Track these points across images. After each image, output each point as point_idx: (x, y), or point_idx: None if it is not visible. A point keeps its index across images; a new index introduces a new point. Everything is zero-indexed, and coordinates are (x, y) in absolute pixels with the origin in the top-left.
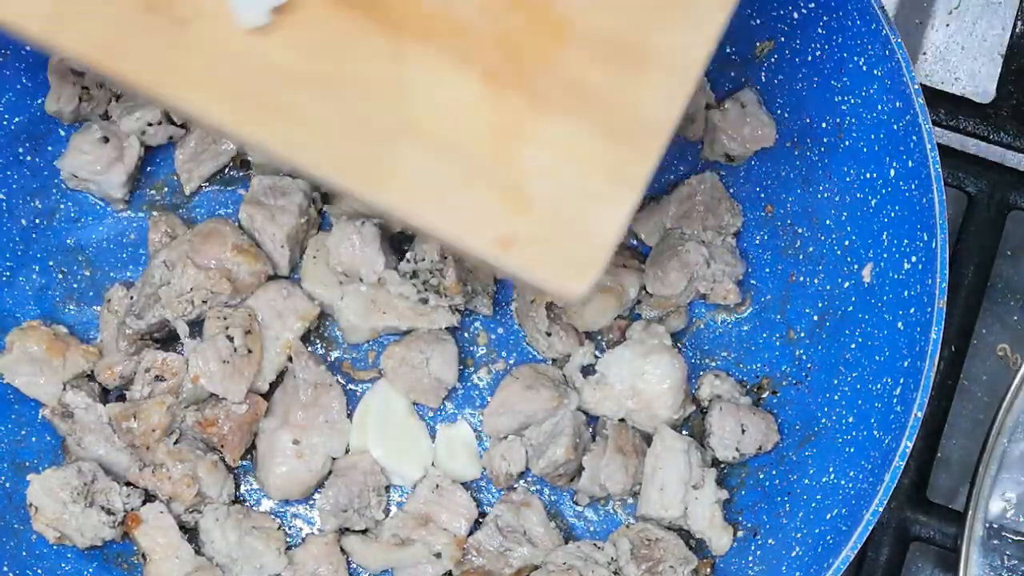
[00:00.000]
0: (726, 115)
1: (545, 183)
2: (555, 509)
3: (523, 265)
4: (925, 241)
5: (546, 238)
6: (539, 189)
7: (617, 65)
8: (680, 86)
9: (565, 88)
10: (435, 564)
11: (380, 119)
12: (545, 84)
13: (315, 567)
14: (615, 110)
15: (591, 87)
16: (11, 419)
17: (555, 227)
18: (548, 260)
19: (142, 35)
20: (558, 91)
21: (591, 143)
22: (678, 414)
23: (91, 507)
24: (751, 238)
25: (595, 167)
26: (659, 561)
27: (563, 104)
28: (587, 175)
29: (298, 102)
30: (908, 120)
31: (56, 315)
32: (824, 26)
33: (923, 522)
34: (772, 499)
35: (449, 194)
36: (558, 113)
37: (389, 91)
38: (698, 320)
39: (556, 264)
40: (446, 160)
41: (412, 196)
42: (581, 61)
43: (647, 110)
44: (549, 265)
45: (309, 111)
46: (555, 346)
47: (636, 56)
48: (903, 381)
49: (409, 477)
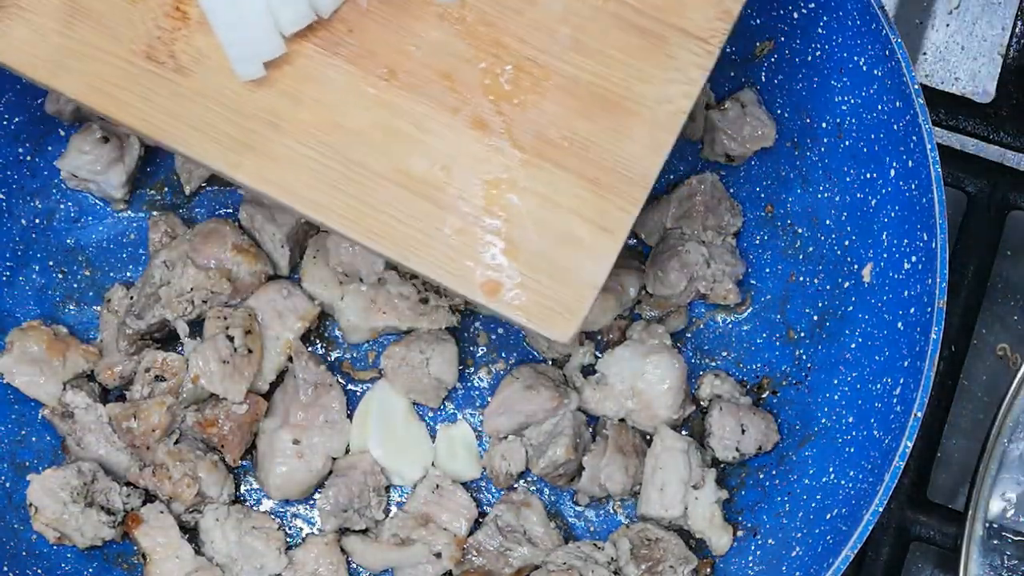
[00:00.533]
0: (726, 115)
1: (531, 231)
2: (555, 509)
3: (510, 309)
4: (925, 241)
5: (532, 284)
6: (525, 236)
7: (601, 116)
8: (662, 138)
9: (550, 137)
10: (435, 564)
11: (371, 165)
12: (531, 133)
13: (315, 567)
14: (599, 160)
15: (576, 137)
16: (11, 419)
17: (540, 273)
18: (534, 305)
19: (143, 82)
20: (543, 140)
21: (576, 192)
22: (678, 414)
23: (91, 507)
24: (751, 238)
25: (580, 216)
26: (659, 561)
27: (549, 153)
28: (572, 224)
29: (292, 148)
30: (908, 120)
31: (56, 315)
32: (824, 26)
33: (923, 522)
34: (772, 499)
35: (437, 240)
36: (544, 162)
37: (379, 138)
38: (698, 320)
39: (542, 309)
40: (434, 206)
41: (401, 241)
42: (566, 111)
43: (630, 161)
44: (535, 310)
45: (303, 157)
46: (555, 346)
47: (619, 108)
48: (903, 381)
49: (409, 477)
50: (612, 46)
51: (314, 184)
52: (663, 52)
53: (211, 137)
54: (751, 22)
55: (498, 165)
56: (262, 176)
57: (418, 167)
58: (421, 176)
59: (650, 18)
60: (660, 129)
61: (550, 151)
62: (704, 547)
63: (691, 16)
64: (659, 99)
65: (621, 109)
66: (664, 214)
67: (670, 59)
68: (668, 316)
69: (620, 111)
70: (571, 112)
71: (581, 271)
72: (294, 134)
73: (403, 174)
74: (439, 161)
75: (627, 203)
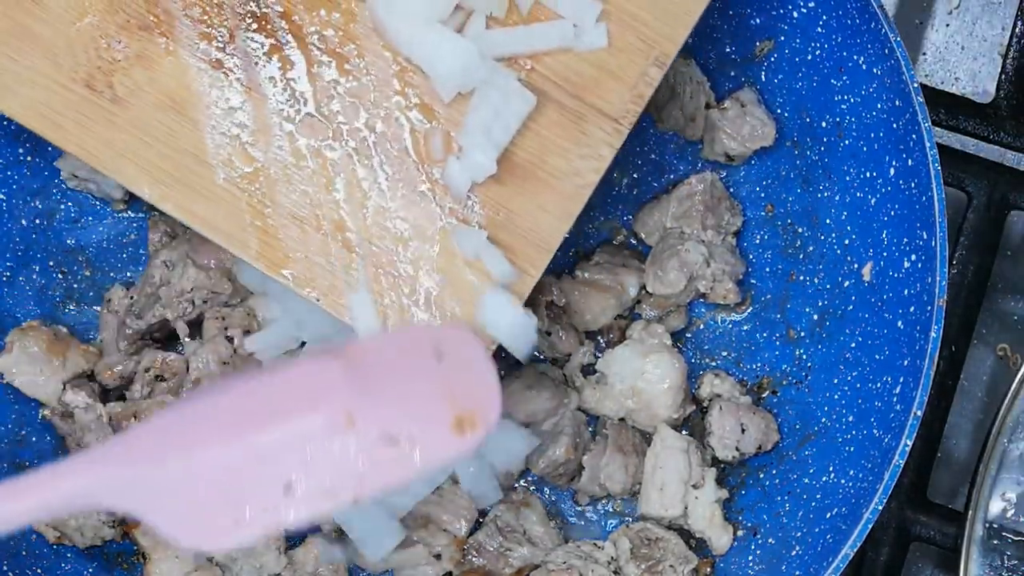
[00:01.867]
0: (726, 115)
1: (442, 284)
2: (555, 509)
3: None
4: (925, 240)
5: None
6: (435, 289)
7: (514, 183)
8: (570, 209)
9: (469, 201)
10: (435, 565)
11: (292, 208)
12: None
13: (315, 567)
14: (509, 225)
15: (489, 199)
16: (11, 419)
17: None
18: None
19: (80, 109)
20: (463, 203)
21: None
22: (678, 414)
23: None
24: (751, 238)
25: (486, 276)
26: (659, 561)
27: (468, 215)
28: (478, 281)
29: (217, 184)
30: (908, 120)
31: (56, 315)
32: (824, 26)
33: (923, 522)
34: (772, 499)
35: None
36: (461, 223)
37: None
38: (698, 320)
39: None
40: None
41: (311, 279)
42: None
43: (539, 228)
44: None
45: (226, 193)
46: (555, 346)
47: (533, 177)
48: (903, 380)
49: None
50: (533, 119)
51: (233, 219)
52: (578, 129)
53: (142, 167)
54: (751, 22)
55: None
56: (187, 209)
57: (336, 214)
58: (339, 221)
59: (570, 96)
60: (569, 200)
61: (469, 214)
62: (704, 547)
63: (608, 98)
64: (570, 172)
65: (534, 179)
66: (664, 214)
67: (584, 136)
68: (668, 316)
69: (533, 180)
70: (490, 177)
71: (480, 331)
72: (220, 170)
73: (323, 219)
74: (359, 205)
75: (532, 268)
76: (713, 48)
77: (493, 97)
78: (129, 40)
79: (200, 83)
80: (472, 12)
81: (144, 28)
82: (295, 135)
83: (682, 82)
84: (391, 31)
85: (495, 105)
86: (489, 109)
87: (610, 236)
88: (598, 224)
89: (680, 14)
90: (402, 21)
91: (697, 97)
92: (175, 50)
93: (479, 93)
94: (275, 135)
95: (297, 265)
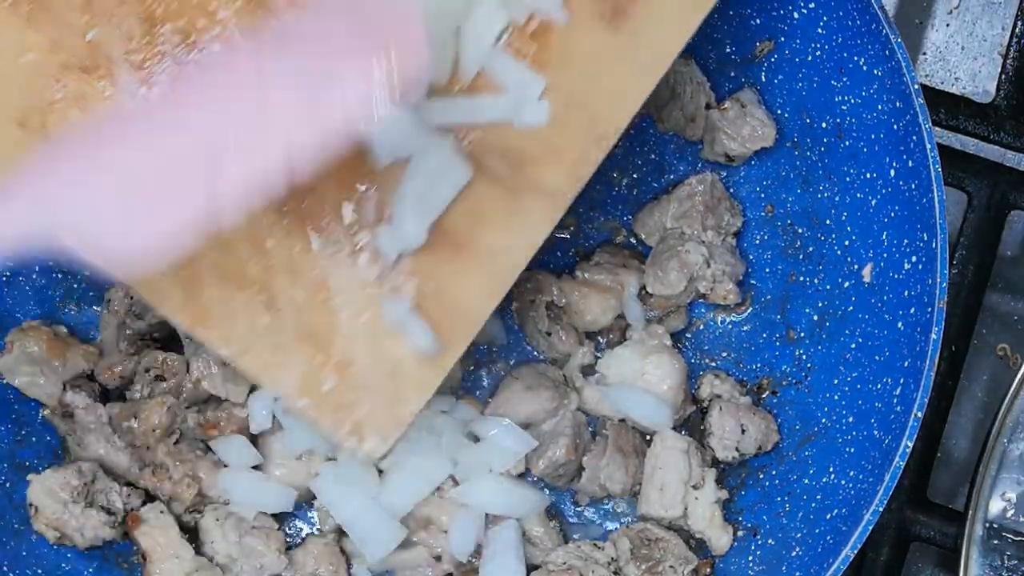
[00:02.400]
0: (726, 115)
1: (363, 352)
2: (555, 509)
3: (333, 420)
4: (925, 241)
5: (352, 400)
6: (356, 355)
7: (445, 255)
8: (497, 286)
9: (399, 268)
10: (435, 567)
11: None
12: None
13: (315, 567)
14: (436, 297)
15: (417, 270)
16: (11, 419)
17: (362, 393)
18: (349, 421)
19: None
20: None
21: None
22: (678, 414)
23: (91, 507)
24: (751, 238)
25: (408, 345)
26: (659, 561)
27: (396, 283)
28: (402, 353)
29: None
30: (908, 120)
31: (56, 315)
32: (824, 26)
33: (923, 522)
34: (772, 499)
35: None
36: (388, 292)
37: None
38: (698, 320)
39: (355, 425)
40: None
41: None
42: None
43: (463, 303)
44: (349, 425)
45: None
46: (555, 346)
47: (463, 250)
48: (903, 381)
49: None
50: (469, 191)
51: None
52: (513, 204)
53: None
54: (751, 22)
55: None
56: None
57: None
58: (265, 281)
59: (509, 170)
60: (498, 276)
61: (396, 282)
62: (704, 547)
63: (545, 176)
64: (501, 248)
65: (466, 252)
66: (664, 214)
67: (518, 212)
68: (668, 316)
69: (465, 253)
70: (420, 248)
71: (403, 397)
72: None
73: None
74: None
75: (456, 341)
76: (713, 48)
77: (428, 167)
78: (68, 81)
79: None
80: None
81: (84, 70)
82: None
83: (682, 82)
84: None
85: (429, 175)
86: (423, 179)
87: (610, 236)
88: (598, 224)
89: (626, 96)
90: None
91: (697, 98)
92: (113, 95)
93: (414, 162)
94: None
95: (219, 322)
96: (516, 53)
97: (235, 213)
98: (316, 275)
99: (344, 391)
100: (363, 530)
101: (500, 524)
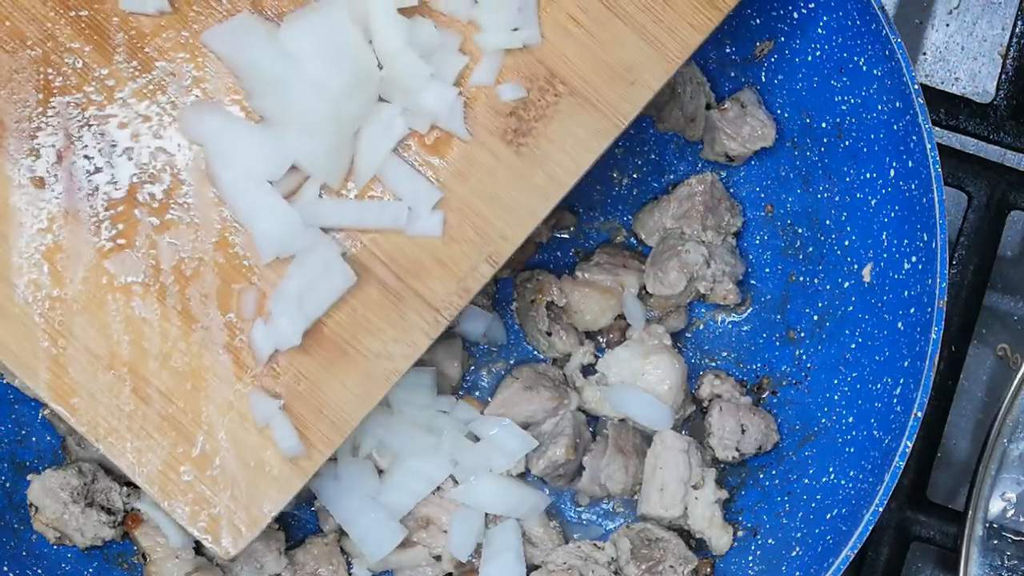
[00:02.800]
0: (726, 115)
1: (226, 448)
2: (555, 509)
3: (190, 512)
4: (925, 241)
5: (210, 497)
6: (219, 452)
7: (321, 355)
8: (373, 391)
9: (271, 365)
10: (435, 567)
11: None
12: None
13: (315, 567)
14: (308, 396)
15: (292, 368)
16: (11, 419)
17: (223, 491)
18: (207, 516)
19: None
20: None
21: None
22: (678, 414)
23: (91, 507)
24: (751, 238)
25: (275, 446)
26: (659, 561)
27: (266, 381)
28: (266, 452)
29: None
30: (908, 120)
31: None
32: (824, 26)
33: (923, 522)
34: (772, 499)
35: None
36: (257, 389)
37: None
38: (698, 320)
39: (214, 521)
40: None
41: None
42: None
43: (336, 406)
44: (207, 522)
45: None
46: (555, 346)
47: (341, 352)
48: (903, 381)
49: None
50: (352, 294)
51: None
52: (397, 312)
53: None
54: (751, 22)
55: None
56: None
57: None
58: (132, 364)
59: (395, 278)
60: (374, 382)
61: (268, 379)
62: (704, 547)
63: (432, 286)
64: (380, 354)
65: (343, 355)
66: (664, 214)
67: (401, 320)
68: (668, 316)
69: (342, 357)
70: (296, 347)
71: (263, 497)
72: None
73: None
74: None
75: (323, 445)
76: (713, 49)
77: (311, 267)
78: None
79: (18, 199)
80: (307, 177)
81: None
82: (106, 268)
83: (682, 83)
84: (222, 181)
85: (312, 276)
86: (305, 279)
87: (610, 236)
88: (598, 224)
89: (521, 216)
90: (233, 174)
91: (697, 98)
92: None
93: (297, 261)
94: (83, 264)
95: (83, 402)
96: (415, 162)
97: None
98: (187, 363)
99: (203, 484)
100: (363, 530)
101: (500, 524)
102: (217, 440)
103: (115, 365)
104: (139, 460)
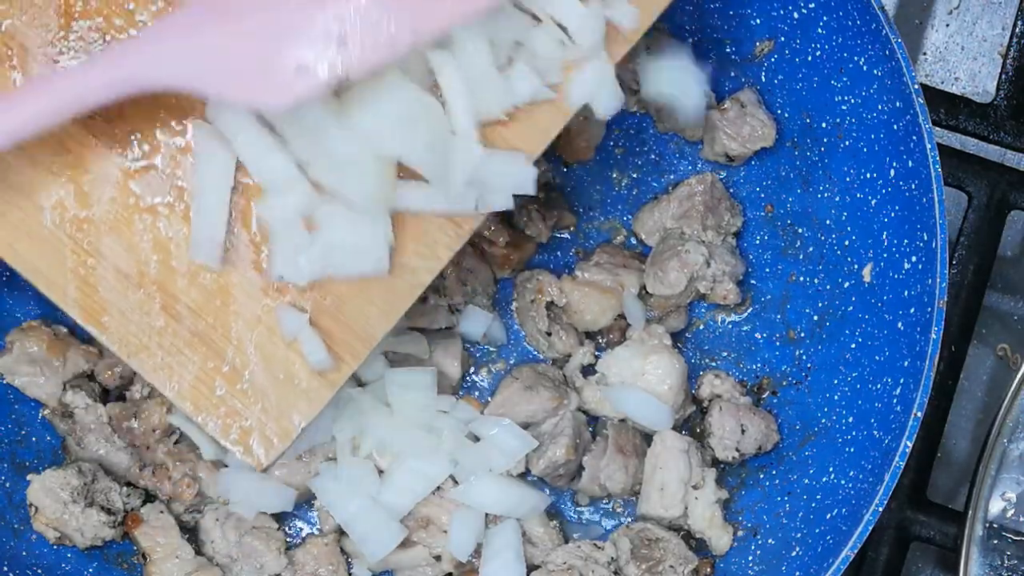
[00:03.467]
0: (726, 115)
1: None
2: (555, 509)
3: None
4: (925, 241)
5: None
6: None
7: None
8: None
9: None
10: (435, 567)
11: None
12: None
13: (315, 567)
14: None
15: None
16: (11, 419)
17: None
18: (238, 428)
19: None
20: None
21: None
22: (678, 414)
23: (91, 507)
24: (751, 238)
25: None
26: (659, 561)
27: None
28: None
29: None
30: (908, 120)
31: (56, 315)
32: (824, 26)
33: (923, 522)
34: (772, 499)
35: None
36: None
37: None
38: (698, 320)
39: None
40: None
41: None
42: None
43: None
44: (238, 434)
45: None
46: (555, 346)
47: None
48: (903, 381)
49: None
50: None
51: (55, 265)
52: (419, 226)
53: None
54: (751, 22)
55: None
56: (8, 245)
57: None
58: (162, 282)
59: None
60: (398, 296)
61: (295, 294)
62: (704, 547)
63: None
64: (406, 269)
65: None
66: (664, 214)
67: (423, 234)
68: (668, 316)
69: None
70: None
71: (292, 409)
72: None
73: (146, 278)
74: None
75: (350, 357)
76: (713, 48)
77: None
78: None
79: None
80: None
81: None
82: (132, 189)
83: None
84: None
85: (349, 246)
86: (342, 241)
87: (610, 236)
88: (598, 224)
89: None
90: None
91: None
92: (23, 85)
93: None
94: (112, 185)
95: (113, 320)
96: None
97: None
98: (215, 280)
99: (234, 397)
100: (363, 530)
101: (500, 524)
102: (246, 355)
103: (144, 283)
104: (171, 376)
